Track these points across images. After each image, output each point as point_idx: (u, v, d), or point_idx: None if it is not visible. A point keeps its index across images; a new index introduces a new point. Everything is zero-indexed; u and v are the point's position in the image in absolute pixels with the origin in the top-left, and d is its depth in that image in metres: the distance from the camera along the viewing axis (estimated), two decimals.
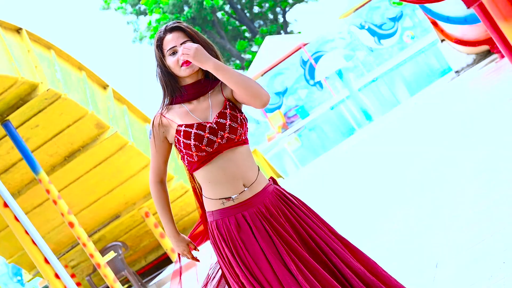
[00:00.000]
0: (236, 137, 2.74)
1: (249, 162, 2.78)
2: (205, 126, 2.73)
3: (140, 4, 39.74)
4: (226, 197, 2.75)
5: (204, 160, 2.74)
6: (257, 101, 2.73)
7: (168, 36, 2.80)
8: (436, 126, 9.00)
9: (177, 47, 2.78)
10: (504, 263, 3.48)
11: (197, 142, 2.72)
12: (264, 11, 40.61)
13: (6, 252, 12.10)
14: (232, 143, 2.74)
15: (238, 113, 2.78)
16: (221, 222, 2.77)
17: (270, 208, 2.76)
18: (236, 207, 2.75)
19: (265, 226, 2.72)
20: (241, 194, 2.75)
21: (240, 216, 2.74)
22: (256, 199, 2.76)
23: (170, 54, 2.79)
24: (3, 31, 8.83)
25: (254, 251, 2.70)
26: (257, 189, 2.78)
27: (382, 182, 7.80)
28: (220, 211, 2.77)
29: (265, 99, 2.74)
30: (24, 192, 10.88)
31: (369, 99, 21.71)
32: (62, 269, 8.37)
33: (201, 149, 2.73)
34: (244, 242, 2.72)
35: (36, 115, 9.64)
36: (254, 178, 2.78)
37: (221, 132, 2.73)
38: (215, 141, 2.72)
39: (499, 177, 4.91)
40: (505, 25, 5.86)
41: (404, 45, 28.31)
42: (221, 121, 2.74)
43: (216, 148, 2.73)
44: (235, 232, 2.73)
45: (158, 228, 12.33)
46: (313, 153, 17.31)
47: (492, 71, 9.94)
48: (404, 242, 4.96)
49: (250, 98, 2.73)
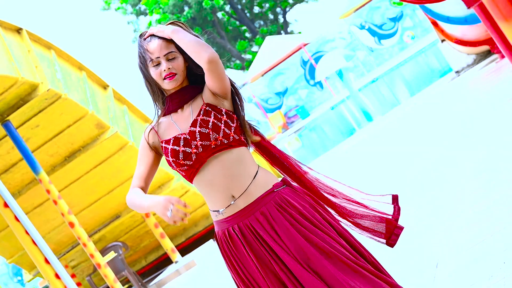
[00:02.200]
0: (211, 142, 2.56)
1: (238, 169, 2.57)
2: (180, 138, 2.60)
3: (140, 4, 39.74)
4: (214, 210, 2.64)
5: (190, 173, 2.61)
6: (199, 58, 2.56)
7: (153, 42, 2.62)
8: (436, 126, 9.00)
9: (160, 58, 2.61)
10: (504, 263, 3.48)
11: (174, 158, 2.60)
12: (265, 11, 40.60)
13: (6, 252, 12.10)
14: (209, 150, 2.57)
15: (212, 117, 2.58)
16: (220, 233, 2.67)
17: (267, 217, 2.56)
18: (226, 220, 2.61)
19: (256, 240, 2.56)
20: (228, 207, 2.58)
21: (231, 229, 2.60)
22: (249, 210, 2.56)
23: (154, 65, 2.62)
24: (3, 31, 8.83)
25: (248, 264, 2.61)
26: (250, 199, 2.56)
27: (382, 182, 7.80)
28: (216, 222, 2.68)
29: (205, 55, 2.54)
30: (25, 192, 10.89)
31: (369, 99, 21.71)
32: (62, 269, 8.38)
33: (180, 164, 2.60)
34: (237, 255, 2.62)
35: (37, 115, 9.64)
36: (244, 187, 2.56)
37: (193, 141, 2.58)
38: (190, 152, 2.58)
39: (499, 177, 4.91)
40: (505, 25, 5.86)
41: (404, 45, 28.30)
42: (192, 129, 2.59)
43: (195, 160, 2.58)
44: (229, 244, 2.63)
45: (158, 228, 12.33)
46: (313, 153, 17.32)
47: (492, 71, 9.94)
48: (404, 242, 4.95)
49: (195, 56, 2.57)
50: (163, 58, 2.60)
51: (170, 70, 2.60)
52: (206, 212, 13.72)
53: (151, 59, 2.61)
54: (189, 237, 13.81)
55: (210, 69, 2.57)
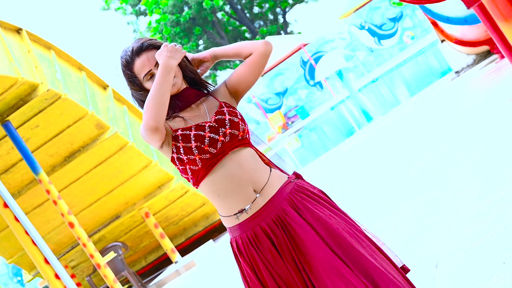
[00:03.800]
0: (239, 133, 2.53)
1: (256, 164, 2.54)
2: (204, 126, 2.52)
3: (140, 4, 39.74)
4: (239, 210, 2.50)
5: (209, 165, 2.49)
6: (253, 47, 2.60)
7: (137, 61, 2.55)
8: (436, 126, 9.00)
9: (152, 69, 2.55)
10: (504, 263, 3.48)
11: (198, 143, 2.48)
12: (264, 11, 40.63)
13: (6, 253, 12.10)
14: (236, 140, 2.52)
15: (237, 110, 2.59)
16: (239, 239, 2.53)
17: (293, 204, 2.50)
18: (251, 219, 2.50)
19: (284, 236, 2.47)
20: (254, 202, 2.49)
21: (258, 229, 2.49)
22: (272, 205, 2.50)
23: (148, 79, 2.56)
24: (3, 31, 8.83)
25: (279, 264, 2.47)
26: (271, 192, 2.51)
27: (382, 182, 7.80)
28: (237, 227, 2.53)
29: (259, 42, 2.60)
30: (24, 193, 10.89)
31: (369, 100, 21.71)
32: (62, 270, 8.37)
33: (204, 151, 2.48)
34: (265, 260, 2.48)
35: (36, 116, 9.64)
36: (265, 180, 2.52)
37: (222, 129, 2.51)
38: (217, 139, 2.49)
39: (499, 177, 4.91)
40: (505, 25, 5.86)
41: (404, 46, 28.31)
42: (220, 117, 2.53)
43: (220, 148, 2.49)
44: (255, 249, 2.49)
45: (158, 228, 12.33)
46: (313, 153, 17.31)
47: (492, 71, 9.94)
48: (404, 242, 4.96)
49: (247, 50, 2.61)
50: (155, 68, 2.55)
51: None
52: (206, 212, 13.73)
53: (145, 75, 2.55)
54: (189, 237, 13.82)
55: (265, 54, 2.60)
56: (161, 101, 2.46)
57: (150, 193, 12.34)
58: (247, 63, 2.63)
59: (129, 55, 2.56)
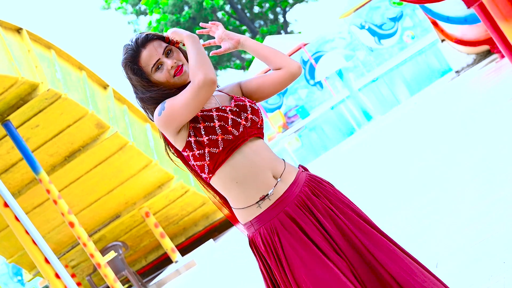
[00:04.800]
0: (259, 120, 2.48)
1: (271, 153, 2.48)
2: (225, 109, 2.44)
3: (140, 4, 39.75)
4: (261, 197, 2.40)
5: (230, 148, 2.39)
6: (288, 70, 2.55)
7: (144, 52, 2.46)
8: (436, 126, 9.00)
9: (161, 58, 2.45)
10: (504, 263, 3.49)
11: (222, 122, 2.39)
12: (265, 11, 40.62)
13: (6, 252, 12.11)
14: (255, 128, 2.46)
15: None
16: (264, 230, 2.40)
17: (310, 196, 2.45)
18: (275, 205, 2.40)
19: (310, 217, 2.40)
20: (276, 187, 2.41)
21: (283, 215, 2.39)
22: (293, 190, 2.43)
23: (156, 69, 2.45)
24: (3, 31, 8.84)
25: (308, 250, 2.34)
26: (290, 179, 2.45)
27: (382, 182, 7.80)
28: (260, 217, 2.41)
29: (293, 65, 2.54)
30: (25, 192, 10.90)
31: (369, 99, 21.70)
32: (62, 269, 8.38)
33: (227, 131, 2.38)
34: (295, 244, 2.35)
35: (37, 115, 9.65)
36: (282, 168, 2.46)
37: (244, 113, 2.45)
38: (240, 122, 2.42)
39: (499, 177, 4.91)
40: (505, 25, 5.86)
41: (404, 45, 28.30)
42: (241, 103, 2.47)
43: (241, 133, 2.41)
44: (280, 238, 2.37)
45: (158, 228, 12.34)
46: (313, 153, 17.31)
47: (492, 71, 9.94)
48: (404, 242, 4.96)
49: (280, 62, 2.56)
50: (163, 56, 2.46)
51: (177, 63, 2.46)
52: (206, 212, 13.73)
53: (153, 65, 2.45)
54: (189, 237, 13.82)
55: (294, 76, 2.56)
56: (208, 60, 2.40)
57: (150, 192, 12.35)
58: (273, 77, 2.56)
59: (134, 47, 2.46)
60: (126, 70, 2.49)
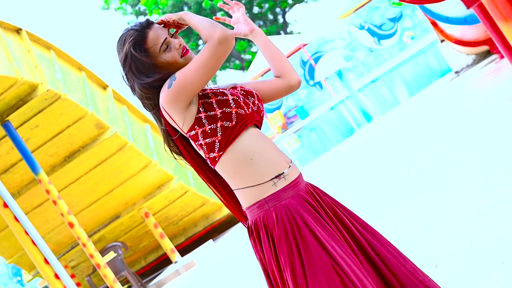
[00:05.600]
0: (262, 110, 2.44)
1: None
2: (236, 88, 2.46)
3: (140, 4, 39.77)
4: (277, 176, 2.31)
5: (243, 124, 2.31)
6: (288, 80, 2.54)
7: (150, 33, 2.37)
8: (435, 126, 9.00)
9: (168, 38, 2.39)
10: (504, 263, 3.48)
11: (235, 97, 2.35)
12: (264, 11, 40.63)
13: (6, 252, 12.10)
14: (259, 115, 2.42)
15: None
16: (280, 209, 2.29)
17: (316, 190, 2.41)
18: (289, 187, 2.32)
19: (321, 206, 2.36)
20: (290, 169, 2.34)
21: (298, 197, 2.32)
22: (301, 180, 2.38)
23: (165, 49, 2.37)
24: (3, 31, 8.84)
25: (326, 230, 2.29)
26: (297, 170, 2.39)
27: (382, 182, 7.80)
28: (275, 195, 2.31)
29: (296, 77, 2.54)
30: (24, 193, 10.89)
31: (369, 100, 21.70)
32: (62, 270, 8.38)
33: (240, 105, 2.33)
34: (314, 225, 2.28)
35: (36, 116, 9.65)
36: (287, 157, 2.40)
37: (251, 97, 2.42)
38: (249, 103, 2.38)
39: (498, 177, 4.91)
40: (505, 25, 5.86)
41: (404, 46, 28.30)
42: (247, 89, 2.46)
43: (250, 113, 2.36)
44: (301, 215, 2.28)
45: (158, 228, 12.34)
46: (313, 153, 17.31)
47: (492, 71, 9.94)
48: (404, 242, 4.96)
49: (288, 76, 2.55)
50: (169, 36, 2.40)
51: (182, 44, 2.41)
52: (205, 212, 13.73)
53: (161, 44, 2.36)
54: (188, 237, 13.82)
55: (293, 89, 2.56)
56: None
57: (150, 193, 12.35)
58: (269, 85, 2.54)
59: (139, 29, 2.37)
60: (134, 52, 2.35)
